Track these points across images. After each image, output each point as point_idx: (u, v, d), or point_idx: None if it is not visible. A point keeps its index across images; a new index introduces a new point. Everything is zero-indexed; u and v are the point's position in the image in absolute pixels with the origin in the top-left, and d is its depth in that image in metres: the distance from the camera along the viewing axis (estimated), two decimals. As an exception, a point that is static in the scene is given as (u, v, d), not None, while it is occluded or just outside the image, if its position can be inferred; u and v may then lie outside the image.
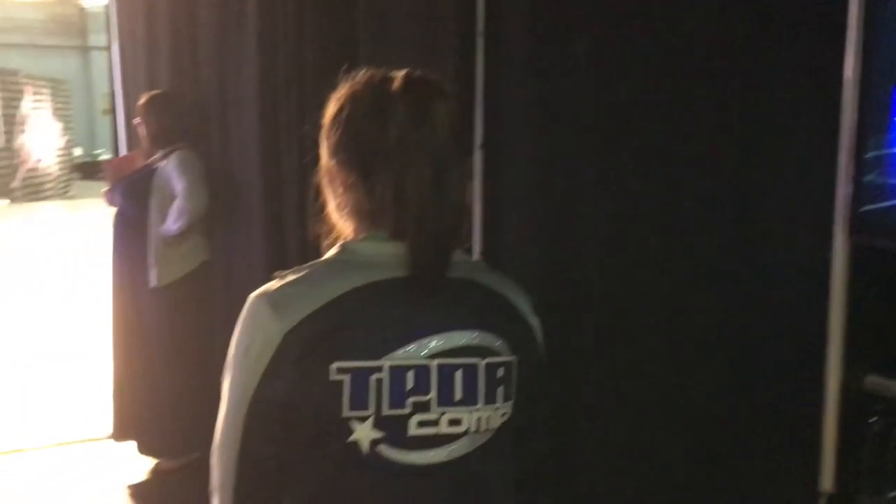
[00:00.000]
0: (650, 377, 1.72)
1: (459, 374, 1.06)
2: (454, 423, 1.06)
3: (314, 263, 1.09)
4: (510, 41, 2.04)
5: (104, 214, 3.92)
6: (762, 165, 1.51)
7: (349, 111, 1.09)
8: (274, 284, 1.06)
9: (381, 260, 1.06)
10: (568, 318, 1.80)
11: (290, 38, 2.90)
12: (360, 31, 2.50)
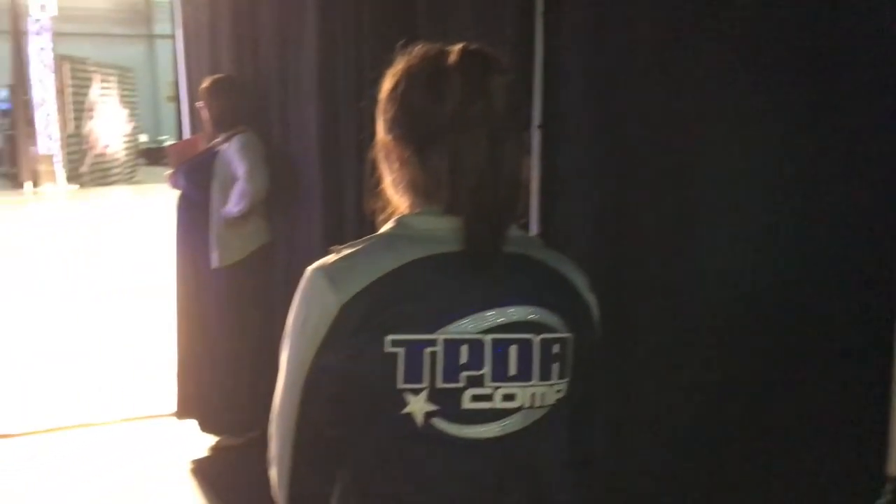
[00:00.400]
0: (709, 363, 1.69)
1: (514, 349, 1.06)
2: (508, 398, 1.06)
3: (370, 238, 1.10)
4: (571, 21, 2.01)
5: (169, 198, 4.00)
6: (830, 151, 1.46)
7: (405, 86, 1.09)
8: (331, 258, 1.08)
9: (436, 234, 1.06)
10: (623, 301, 1.78)
11: (348, 16, 2.93)
12: (418, 9, 2.51)
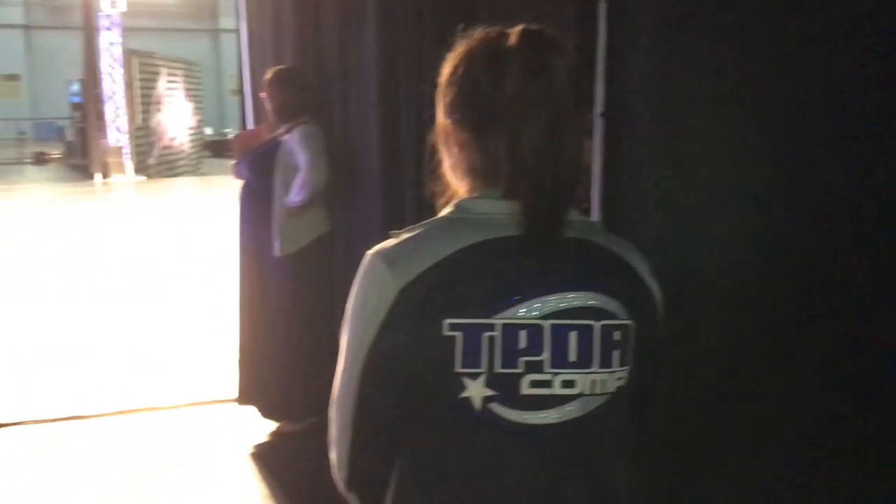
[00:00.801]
0: (775, 358, 1.64)
1: (574, 335, 1.04)
2: (567, 384, 1.05)
3: (429, 222, 1.10)
4: (634, 7, 1.98)
5: (232, 188, 4.07)
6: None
7: (464, 69, 1.09)
8: (390, 242, 1.08)
9: (494, 218, 1.05)
10: (686, 291, 1.75)
11: (409, 2, 2.93)
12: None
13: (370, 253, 1.08)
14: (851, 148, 1.46)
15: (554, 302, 1.04)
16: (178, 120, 19.47)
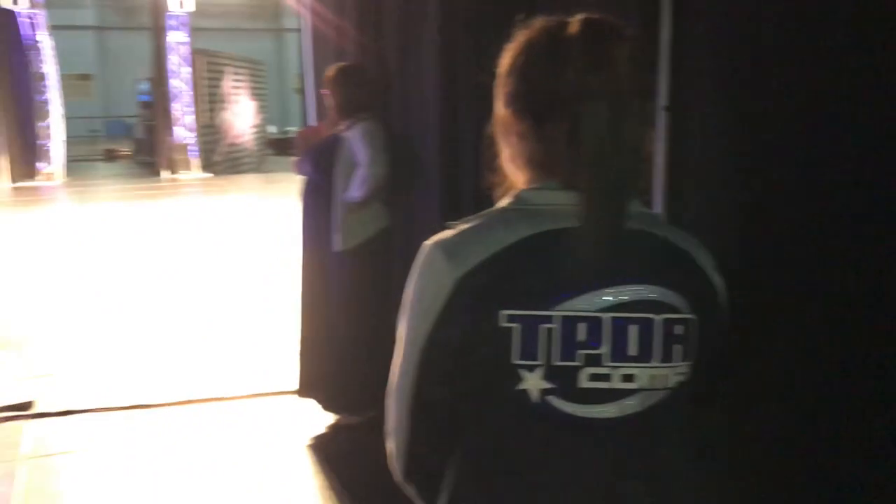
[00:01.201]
0: (843, 360, 1.59)
1: (634, 329, 1.03)
2: (627, 378, 1.03)
3: (487, 212, 1.09)
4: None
5: (295, 184, 4.13)
6: None
7: (524, 59, 1.08)
8: (447, 233, 1.07)
9: (553, 209, 1.04)
10: (751, 287, 1.70)
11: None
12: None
13: (427, 243, 1.08)
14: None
15: (614, 295, 1.02)
16: (242, 118, 19.81)
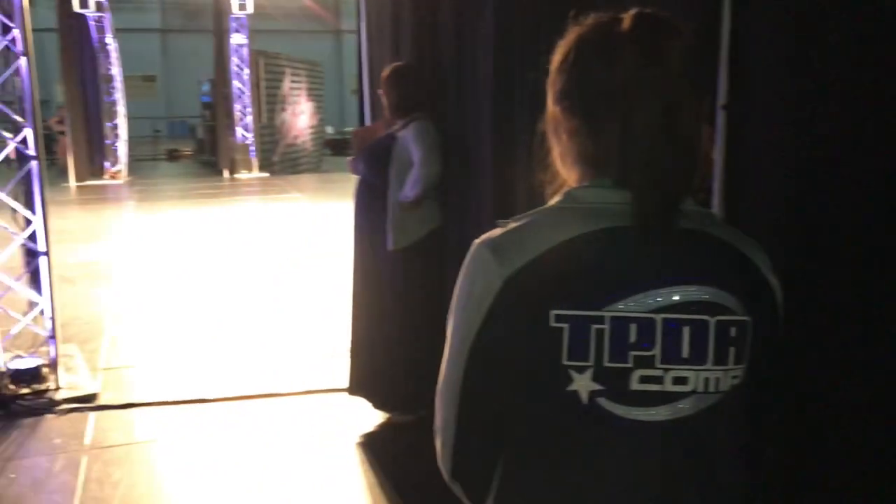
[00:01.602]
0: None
1: (687, 330, 1.00)
2: (679, 381, 1.01)
3: (537, 211, 1.08)
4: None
5: (350, 184, 4.16)
6: None
7: (576, 55, 1.06)
8: (497, 231, 1.06)
9: (605, 207, 1.02)
10: (809, 288, 1.65)
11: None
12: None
13: (477, 242, 1.07)
14: None
15: (666, 295, 1.00)
16: (300, 118, 20.07)
